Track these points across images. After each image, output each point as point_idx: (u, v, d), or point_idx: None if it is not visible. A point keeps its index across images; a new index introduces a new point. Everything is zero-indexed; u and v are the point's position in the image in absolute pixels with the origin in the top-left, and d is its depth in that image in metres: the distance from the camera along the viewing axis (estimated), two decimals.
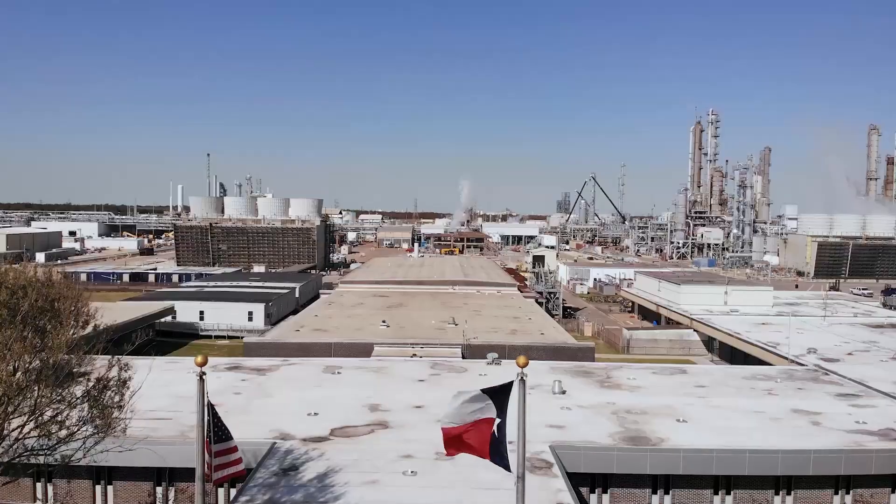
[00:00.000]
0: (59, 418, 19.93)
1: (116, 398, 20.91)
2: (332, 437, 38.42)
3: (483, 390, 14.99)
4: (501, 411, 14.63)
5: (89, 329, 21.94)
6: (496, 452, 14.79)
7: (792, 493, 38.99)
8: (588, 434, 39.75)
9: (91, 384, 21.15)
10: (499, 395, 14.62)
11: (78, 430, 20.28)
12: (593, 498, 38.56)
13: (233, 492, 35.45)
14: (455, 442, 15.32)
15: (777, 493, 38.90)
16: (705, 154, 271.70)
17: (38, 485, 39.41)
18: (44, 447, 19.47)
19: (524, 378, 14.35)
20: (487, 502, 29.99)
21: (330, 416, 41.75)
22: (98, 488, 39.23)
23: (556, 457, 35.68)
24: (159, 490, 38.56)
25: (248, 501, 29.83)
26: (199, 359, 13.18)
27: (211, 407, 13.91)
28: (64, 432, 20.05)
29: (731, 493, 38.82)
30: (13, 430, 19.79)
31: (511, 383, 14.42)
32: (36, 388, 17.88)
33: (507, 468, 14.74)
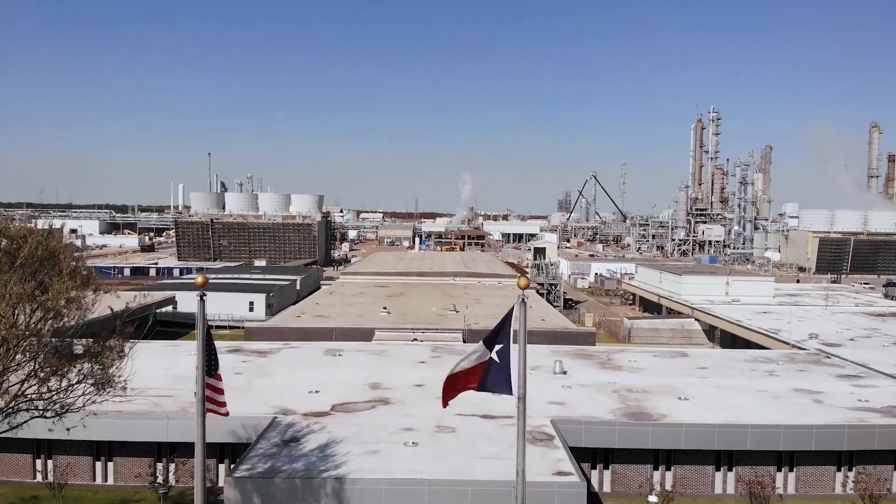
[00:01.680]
0: (59, 372, 19.88)
1: (117, 351, 20.82)
2: (333, 412, 38.35)
3: (483, 340, 14.92)
4: (504, 337, 14.55)
5: (90, 290, 21.97)
6: (494, 380, 14.72)
7: (794, 469, 38.87)
8: (589, 410, 39.65)
9: (91, 340, 21.11)
10: (498, 330, 14.53)
11: (78, 382, 20.22)
12: (594, 474, 38.45)
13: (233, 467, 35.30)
14: (452, 389, 15.25)
15: (779, 470, 38.76)
16: (706, 151, 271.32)
17: (38, 461, 39.34)
18: (43, 396, 19.40)
19: (525, 299, 14.24)
20: (488, 470, 29.90)
21: (331, 394, 41.69)
22: (98, 465, 39.14)
23: (556, 430, 35.59)
24: (160, 466, 38.41)
25: (249, 470, 29.75)
26: (200, 279, 13.06)
27: (210, 336, 13.80)
28: (65, 383, 20.00)
29: (733, 469, 38.70)
30: (13, 385, 19.75)
31: (512, 310, 14.34)
32: (36, 335, 17.81)
33: (510, 392, 14.67)
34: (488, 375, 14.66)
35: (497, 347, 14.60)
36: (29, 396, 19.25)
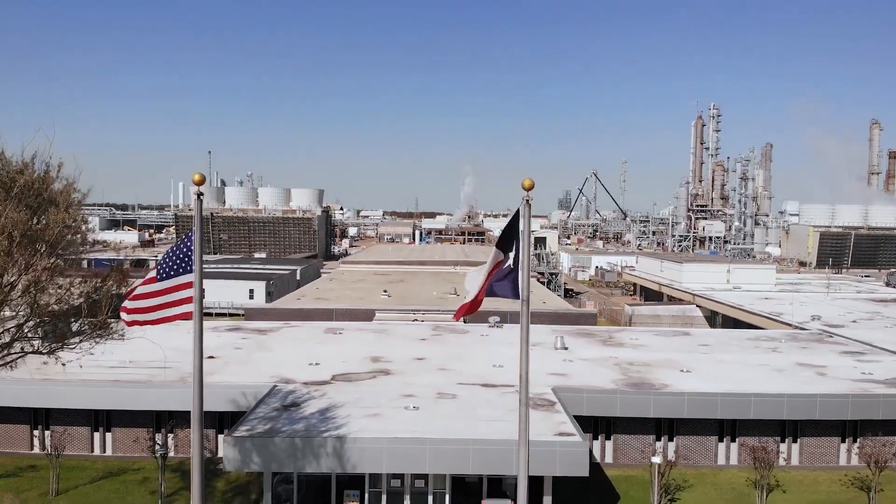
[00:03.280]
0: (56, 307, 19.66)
1: (113, 293, 20.57)
2: (333, 381, 38.11)
3: (496, 244, 14.54)
4: (511, 247, 14.21)
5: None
6: (503, 285, 14.48)
7: (798, 440, 38.61)
8: (590, 381, 39.36)
9: (88, 285, 20.89)
10: (507, 233, 14.18)
11: (74, 321, 19.98)
12: (596, 445, 38.19)
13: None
14: (469, 306, 15.00)
15: (783, 441, 38.50)
16: (707, 148, 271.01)
17: (36, 431, 39.08)
18: (38, 334, 19.16)
19: (529, 201, 13.88)
20: (488, 431, 29.66)
21: (331, 366, 41.44)
22: (96, 435, 38.88)
23: (558, 397, 35.32)
24: (158, 437, 38.10)
25: (249, 430, 29.47)
26: (197, 177, 12.75)
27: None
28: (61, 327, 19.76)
29: (736, 440, 38.46)
30: (11, 327, 19.51)
31: (517, 215, 13.96)
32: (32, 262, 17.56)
33: (517, 296, 14.47)
34: (499, 280, 14.36)
35: (509, 252, 14.24)
36: (25, 332, 19.01)
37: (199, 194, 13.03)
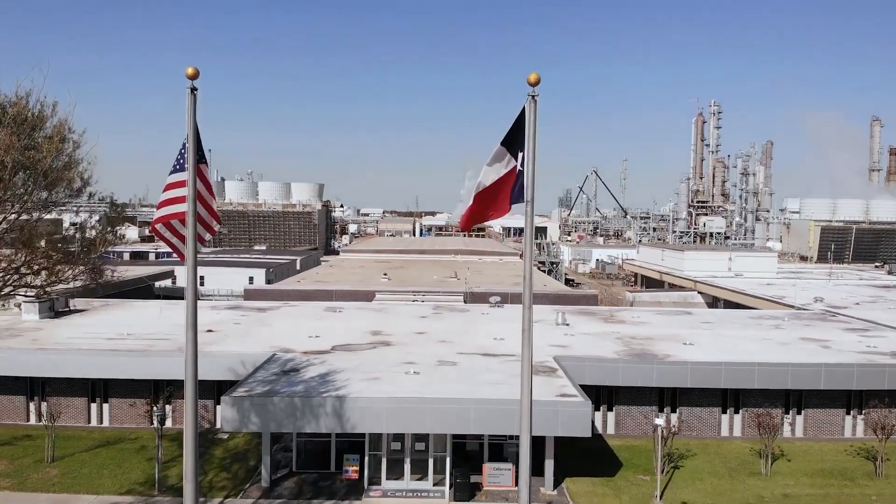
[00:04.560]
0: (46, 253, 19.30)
1: (109, 236, 20.23)
2: (333, 351, 37.73)
3: (501, 142, 13.74)
4: (518, 148, 13.56)
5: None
6: (516, 191, 13.92)
7: (802, 412, 38.24)
8: (592, 352, 38.95)
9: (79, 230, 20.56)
10: (513, 134, 13.54)
11: (67, 263, 19.61)
12: (598, 416, 37.82)
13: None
14: (476, 215, 14.37)
15: (787, 412, 38.11)
16: (707, 145, 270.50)
17: (32, 403, 38.69)
18: (31, 272, 18.78)
19: (535, 97, 13.28)
20: (489, 392, 29.27)
21: (332, 338, 41.07)
22: (93, 406, 38.50)
23: (560, 365, 34.93)
24: (156, 409, 37.70)
25: (247, 391, 29.08)
26: (190, 70, 12.23)
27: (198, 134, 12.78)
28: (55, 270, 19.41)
29: (740, 411, 38.07)
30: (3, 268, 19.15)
31: (522, 114, 13.35)
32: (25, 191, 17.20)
33: (523, 199, 13.94)
34: (515, 185, 13.72)
35: (519, 152, 13.56)
36: (19, 271, 18.65)
37: (193, 89, 12.54)
